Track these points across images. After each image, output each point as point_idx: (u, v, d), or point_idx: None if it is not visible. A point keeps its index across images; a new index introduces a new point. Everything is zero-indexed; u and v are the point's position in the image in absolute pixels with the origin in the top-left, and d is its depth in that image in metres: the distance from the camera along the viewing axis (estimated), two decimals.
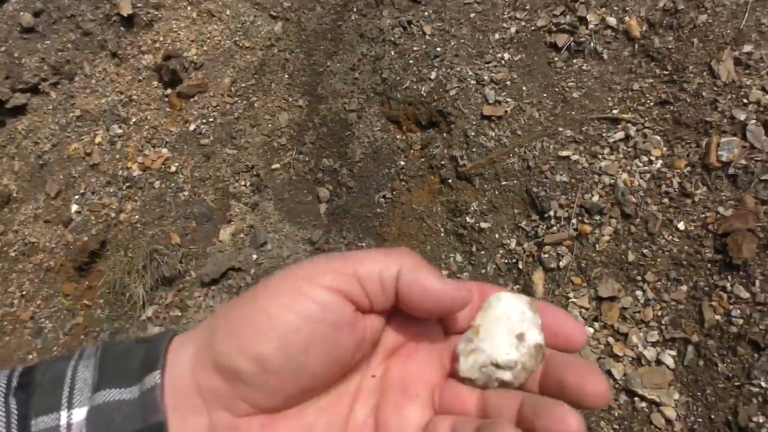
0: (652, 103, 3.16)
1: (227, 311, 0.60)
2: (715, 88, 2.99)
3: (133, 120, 4.63)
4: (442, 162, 3.57)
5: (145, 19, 4.76)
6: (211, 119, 4.46)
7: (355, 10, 4.22)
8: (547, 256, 3.06)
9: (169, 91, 4.66)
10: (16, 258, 4.62)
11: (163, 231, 4.24)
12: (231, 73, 4.55)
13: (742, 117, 2.85)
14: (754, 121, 2.81)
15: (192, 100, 4.56)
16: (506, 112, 3.45)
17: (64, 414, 0.54)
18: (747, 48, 2.99)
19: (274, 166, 4.17)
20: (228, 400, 0.57)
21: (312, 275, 0.58)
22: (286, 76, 4.37)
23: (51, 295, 4.49)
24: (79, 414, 0.54)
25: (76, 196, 4.55)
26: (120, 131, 4.61)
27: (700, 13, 3.19)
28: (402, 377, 0.63)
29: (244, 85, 4.47)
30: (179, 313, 4.05)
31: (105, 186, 4.52)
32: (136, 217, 4.33)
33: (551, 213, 3.14)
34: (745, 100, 2.89)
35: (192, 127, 4.50)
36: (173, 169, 4.42)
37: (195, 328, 0.65)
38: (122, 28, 4.84)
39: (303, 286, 0.57)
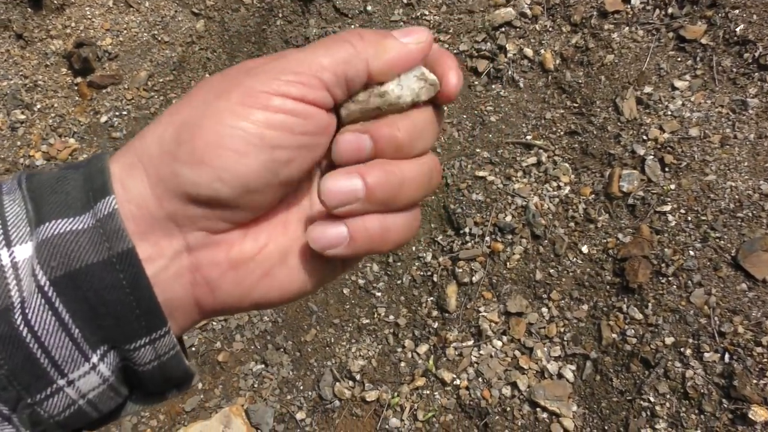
0: (562, 133, 3.41)
1: (179, 132, 0.52)
2: (618, 124, 3.27)
3: (38, 106, 4.44)
4: None
5: (56, 2, 4.58)
6: (125, 112, 4.36)
7: (280, 15, 4.25)
8: (461, 270, 3.23)
9: (79, 79, 4.50)
10: None
11: None
12: (148, 67, 4.46)
13: (642, 152, 3.13)
14: (652, 156, 3.10)
15: (104, 91, 4.43)
16: None
17: (3, 253, 0.46)
18: (647, 89, 3.29)
19: None
20: (205, 222, 0.53)
21: (274, 86, 0.54)
22: (207, 75, 4.34)
23: None
24: (24, 251, 0.46)
25: None
26: (23, 117, 4.41)
27: (608, 53, 3.47)
28: None
29: (161, 80, 4.40)
30: None
31: (3, 173, 4.30)
32: None
33: (466, 230, 3.32)
34: (644, 137, 3.18)
35: (103, 118, 4.37)
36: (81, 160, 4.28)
37: (131, 144, 0.56)
38: (29, 10, 4.63)
39: (272, 99, 0.53)
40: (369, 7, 4.01)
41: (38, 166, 4.26)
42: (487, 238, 3.25)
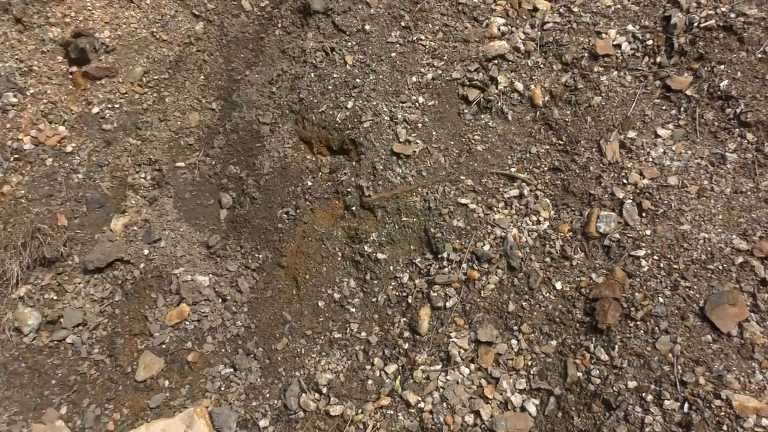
0: (546, 168, 3.49)
1: None
2: (601, 165, 3.36)
3: (31, 91, 4.44)
4: (349, 189, 3.72)
5: None
6: (117, 106, 4.38)
7: (279, 25, 4.30)
8: (435, 294, 3.29)
9: (74, 69, 4.51)
10: None
11: (50, 210, 4.10)
12: (144, 63, 4.48)
13: (621, 195, 3.22)
14: (631, 200, 3.19)
15: (99, 82, 4.45)
16: (415, 152, 3.66)
17: None
18: (631, 134, 3.38)
19: (178, 164, 4.16)
20: None
21: None
22: (202, 77, 4.38)
23: None
24: None
25: None
26: (15, 100, 4.41)
27: (596, 94, 3.56)
28: None
29: (156, 77, 4.42)
30: (55, 297, 3.93)
31: None
32: (22, 191, 4.15)
33: (445, 255, 3.38)
34: (624, 181, 3.26)
35: (95, 109, 4.39)
36: (69, 149, 4.29)
37: None
38: None
39: None
40: (367, 27, 4.08)
41: (26, 150, 4.26)
42: (464, 265, 3.31)
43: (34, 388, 3.69)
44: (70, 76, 4.52)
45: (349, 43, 4.10)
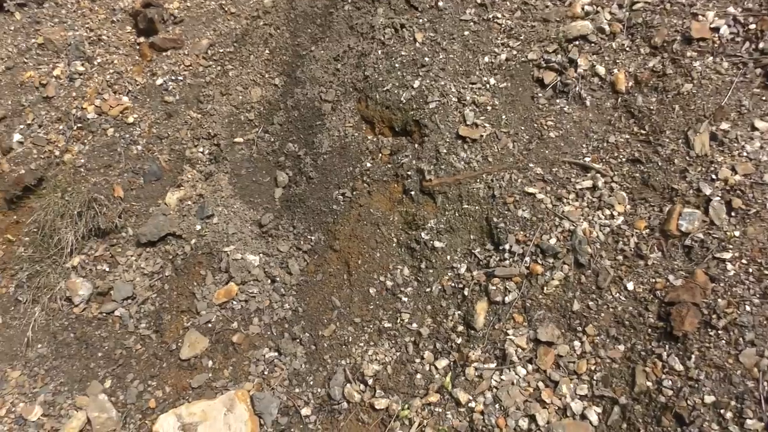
0: (624, 159, 3.19)
1: None
2: (687, 158, 3.04)
3: (98, 61, 4.42)
4: (409, 172, 3.52)
5: None
6: (181, 78, 4.30)
7: (350, 0, 4.13)
8: (494, 288, 3.05)
9: (142, 39, 4.47)
10: None
11: (107, 181, 4.06)
12: (210, 35, 4.39)
13: (708, 192, 2.90)
14: (719, 198, 2.87)
15: (164, 54, 4.38)
16: (482, 136, 3.43)
17: None
18: (724, 125, 3.05)
19: (236, 140, 4.05)
20: None
21: None
22: (267, 51, 4.24)
23: None
24: None
25: (21, 126, 4.32)
26: (82, 69, 4.39)
27: (687, 81, 3.23)
28: None
29: (221, 50, 4.32)
30: (107, 268, 3.88)
31: (55, 122, 4.30)
32: (82, 160, 4.13)
33: (507, 246, 3.13)
34: (713, 176, 2.94)
35: (159, 81, 4.33)
36: (131, 120, 4.24)
37: None
38: None
39: None
40: (441, 3, 3.86)
41: (89, 119, 4.24)
42: (527, 259, 3.06)
43: (80, 360, 3.65)
44: (137, 47, 4.47)
45: (421, 20, 3.89)
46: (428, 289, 3.27)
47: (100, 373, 3.56)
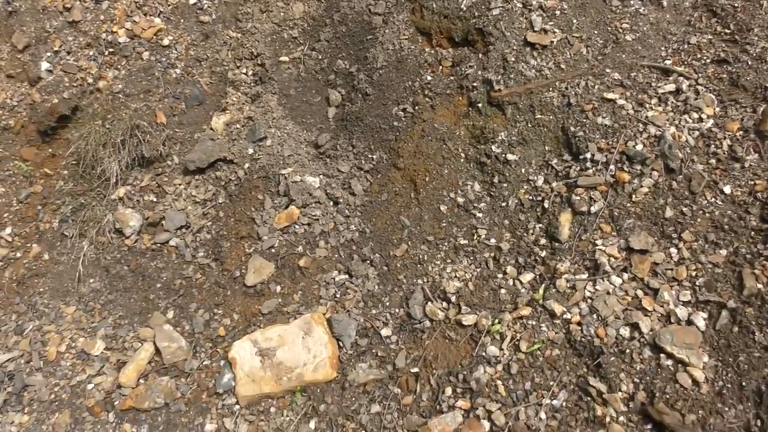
0: (708, 60, 3.04)
1: None
2: None
3: None
4: (474, 84, 3.35)
5: None
6: None
7: None
8: (578, 198, 2.93)
9: None
10: None
11: (148, 107, 3.87)
12: None
13: None
14: None
15: None
16: (552, 42, 3.25)
17: None
18: None
19: (281, 59, 3.84)
20: None
21: None
22: None
23: (6, 157, 4.05)
24: None
25: (48, 54, 4.08)
26: None
27: None
28: None
29: None
30: (154, 199, 3.73)
31: (84, 48, 4.06)
32: (119, 86, 3.92)
33: (588, 155, 3.00)
34: None
35: (192, 0, 4.08)
36: (166, 42, 4.02)
37: None
38: None
39: None
40: None
41: (121, 43, 4.01)
42: (612, 167, 2.93)
43: (138, 292, 3.52)
44: None
45: None
46: (503, 204, 3.14)
47: (160, 305, 3.45)
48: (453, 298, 2.96)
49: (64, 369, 3.36)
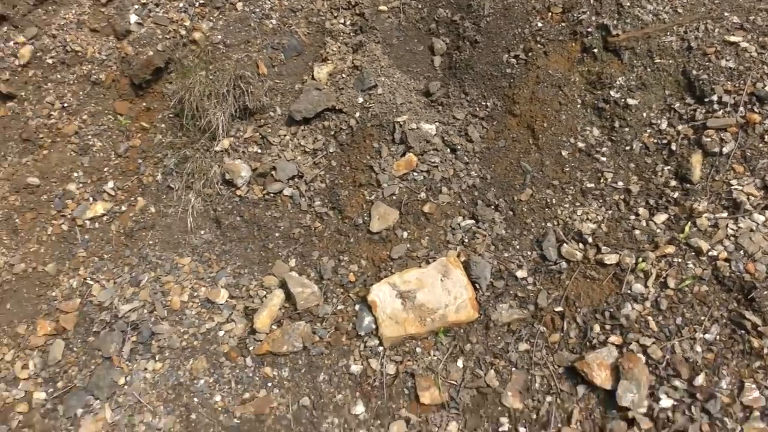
0: None
1: None
2: None
3: None
4: (588, 30, 3.39)
5: None
6: None
7: None
8: (708, 140, 3.01)
9: None
10: (54, 66, 4.10)
11: (249, 57, 3.86)
12: None
13: None
14: None
15: None
16: None
17: None
18: None
19: (380, 8, 3.84)
20: None
21: None
22: None
23: (100, 111, 4.05)
24: None
25: (136, 6, 4.04)
26: None
27: None
28: None
29: None
30: (258, 150, 3.75)
31: (172, 0, 4.03)
32: (218, 37, 3.90)
33: (713, 98, 3.07)
34: None
35: None
36: None
37: None
38: None
39: None
40: None
41: None
42: (742, 108, 3.01)
43: (254, 242, 3.58)
44: None
45: None
46: (627, 148, 3.22)
47: (280, 253, 3.51)
48: (589, 239, 3.05)
49: (190, 318, 3.43)
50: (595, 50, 3.37)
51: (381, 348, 3.08)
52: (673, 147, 3.11)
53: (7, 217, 3.88)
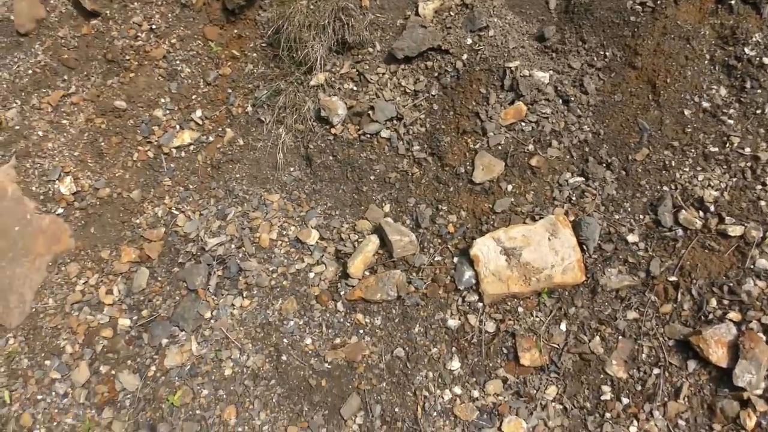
0: None
1: None
2: None
3: None
4: None
5: None
6: None
7: None
8: None
9: None
10: None
11: None
12: None
13: None
14: None
15: None
16: None
17: None
18: None
19: None
20: None
21: None
22: None
23: (189, 36, 3.91)
24: None
25: None
26: None
27: None
28: None
29: None
30: (354, 87, 3.60)
31: None
32: None
33: None
34: None
35: None
36: None
37: None
38: None
39: None
40: None
41: None
42: None
43: (347, 183, 3.46)
44: None
45: None
46: (758, 111, 2.99)
47: (375, 197, 3.39)
48: (711, 208, 2.87)
49: (279, 257, 3.36)
50: (731, 2, 3.11)
51: (480, 304, 2.98)
52: None
53: (92, 140, 3.82)
